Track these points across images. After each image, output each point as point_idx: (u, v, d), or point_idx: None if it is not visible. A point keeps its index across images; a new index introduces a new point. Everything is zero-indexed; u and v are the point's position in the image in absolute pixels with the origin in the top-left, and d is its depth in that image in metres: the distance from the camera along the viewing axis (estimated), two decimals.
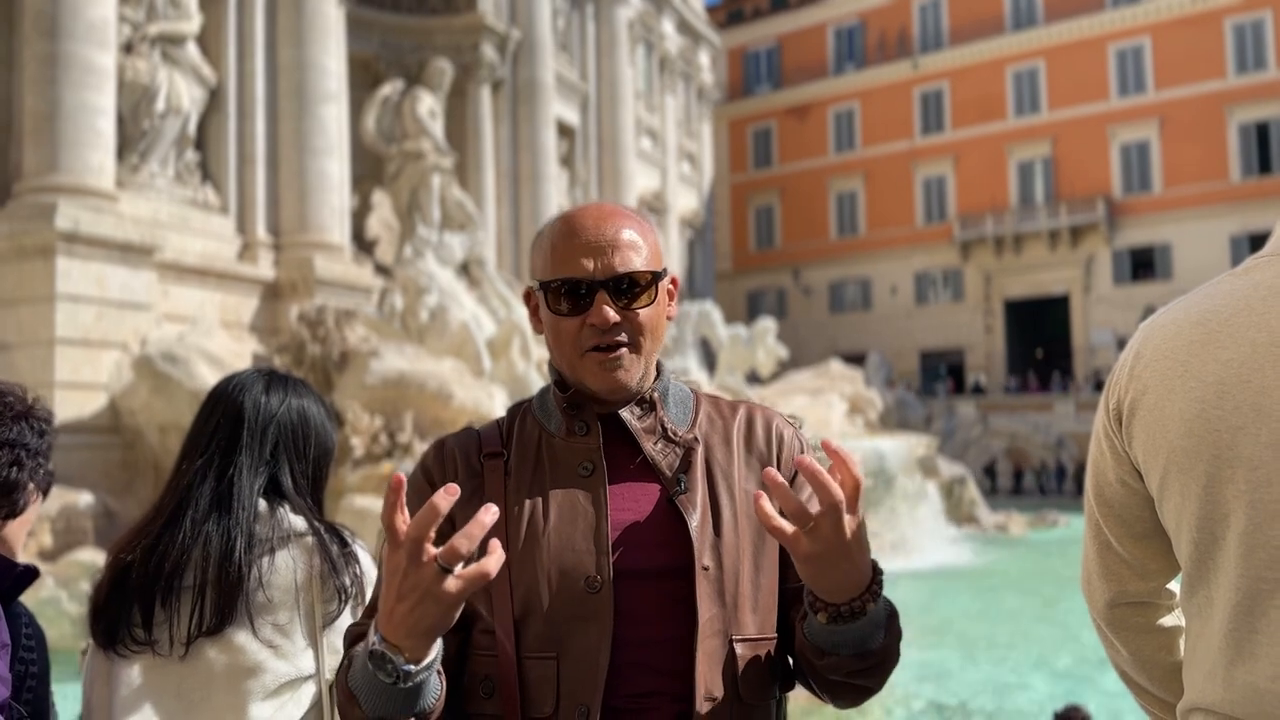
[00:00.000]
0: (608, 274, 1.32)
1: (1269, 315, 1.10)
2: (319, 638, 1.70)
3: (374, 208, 19.84)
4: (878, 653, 1.25)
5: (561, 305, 1.34)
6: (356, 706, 1.17)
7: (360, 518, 10.03)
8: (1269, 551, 1.07)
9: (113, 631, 1.66)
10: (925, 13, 39.90)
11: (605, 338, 1.33)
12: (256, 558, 1.67)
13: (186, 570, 1.66)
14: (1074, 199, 36.01)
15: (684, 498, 1.33)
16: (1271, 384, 1.07)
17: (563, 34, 25.06)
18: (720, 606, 1.30)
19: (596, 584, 1.28)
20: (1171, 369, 1.17)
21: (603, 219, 1.36)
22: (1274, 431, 1.06)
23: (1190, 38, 34.21)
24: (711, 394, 1.51)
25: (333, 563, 1.71)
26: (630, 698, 1.26)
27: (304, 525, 1.73)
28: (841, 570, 1.17)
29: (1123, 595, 1.34)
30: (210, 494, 1.71)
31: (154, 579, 1.65)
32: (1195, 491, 1.13)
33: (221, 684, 1.64)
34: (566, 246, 1.34)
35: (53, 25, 12.43)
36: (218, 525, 1.68)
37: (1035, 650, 10.39)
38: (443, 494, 1.08)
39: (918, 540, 16.92)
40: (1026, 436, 31.46)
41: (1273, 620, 1.06)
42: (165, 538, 1.68)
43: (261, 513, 1.72)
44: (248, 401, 1.78)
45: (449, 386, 11.53)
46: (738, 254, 43.02)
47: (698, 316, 20.36)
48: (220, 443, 1.75)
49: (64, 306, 11.96)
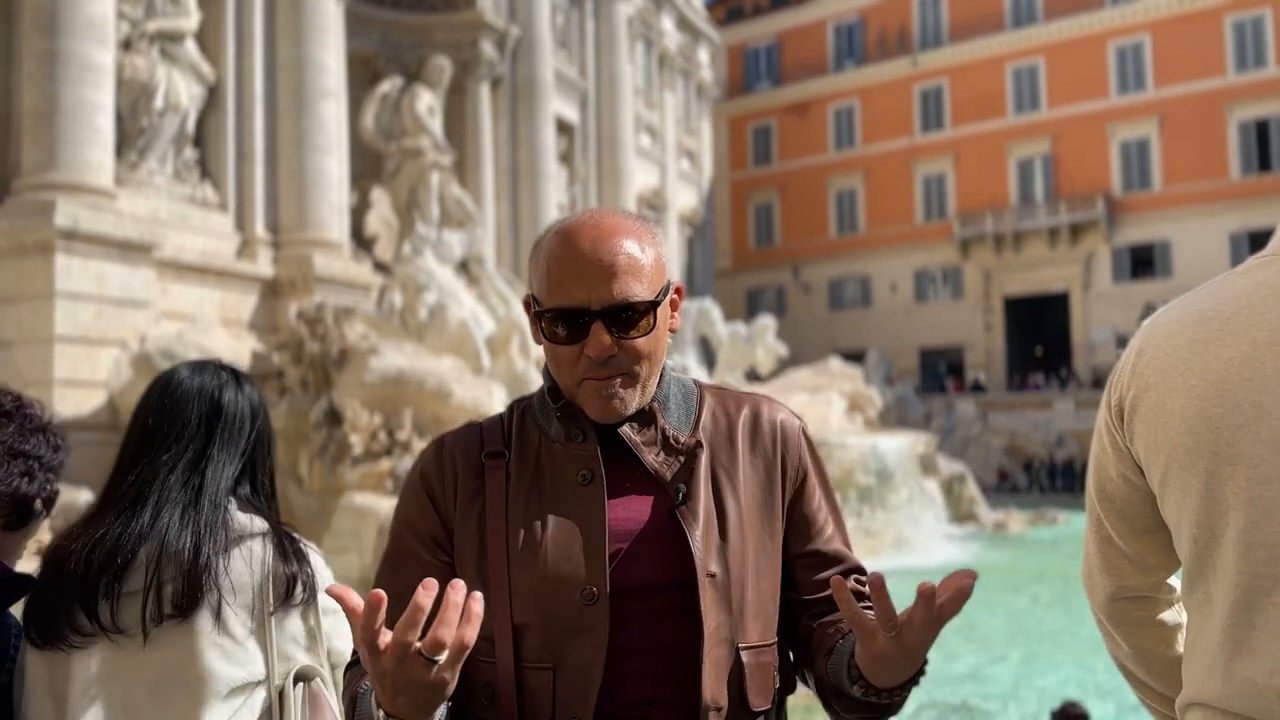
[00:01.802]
0: (603, 304, 1.27)
1: (1270, 314, 1.11)
2: (270, 641, 1.66)
3: (373, 205, 19.81)
4: (893, 706, 1.27)
5: (557, 333, 1.31)
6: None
7: (360, 516, 10.03)
8: (1268, 549, 1.08)
9: (53, 625, 1.59)
10: (925, 9, 39.87)
11: (601, 369, 1.30)
12: (220, 553, 1.63)
13: (136, 562, 1.60)
14: (1074, 196, 36.00)
15: (685, 509, 1.32)
16: (1273, 382, 1.08)
17: (562, 31, 25.03)
18: (727, 614, 1.30)
19: (593, 596, 1.26)
20: (1173, 366, 1.18)
21: (600, 239, 1.29)
22: (1274, 429, 1.07)
23: (1190, 35, 34.19)
24: (716, 387, 1.48)
25: (286, 563, 1.68)
26: (630, 706, 1.26)
27: (264, 525, 1.71)
28: (902, 667, 1.19)
29: (1123, 590, 1.36)
30: (180, 487, 1.67)
31: (103, 568, 1.59)
32: (1196, 488, 1.14)
33: (175, 685, 1.59)
34: (561, 271, 1.29)
35: (51, 22, 12.40)
36: (184, 519, 1.64)
37: (1035, 648, 10.39)
38: (422, 591, 1.04)
39: (917, 538, 16.93)
40: (1026, 434, 31.47)
41: (1271, 617, 1.08)
42: (119, 527, 1.63)
43: (231, 510, 1.70)
44: (225, 397, 1.75)
45: (448, 384, 11.53)
46: (737, 251, 43.00)
47: (697, 314, 20.36)
48: (195, 436, 1.71)
49: (63, 304, 11.95)
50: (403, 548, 1.37)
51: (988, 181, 37.83)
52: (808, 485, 1.42)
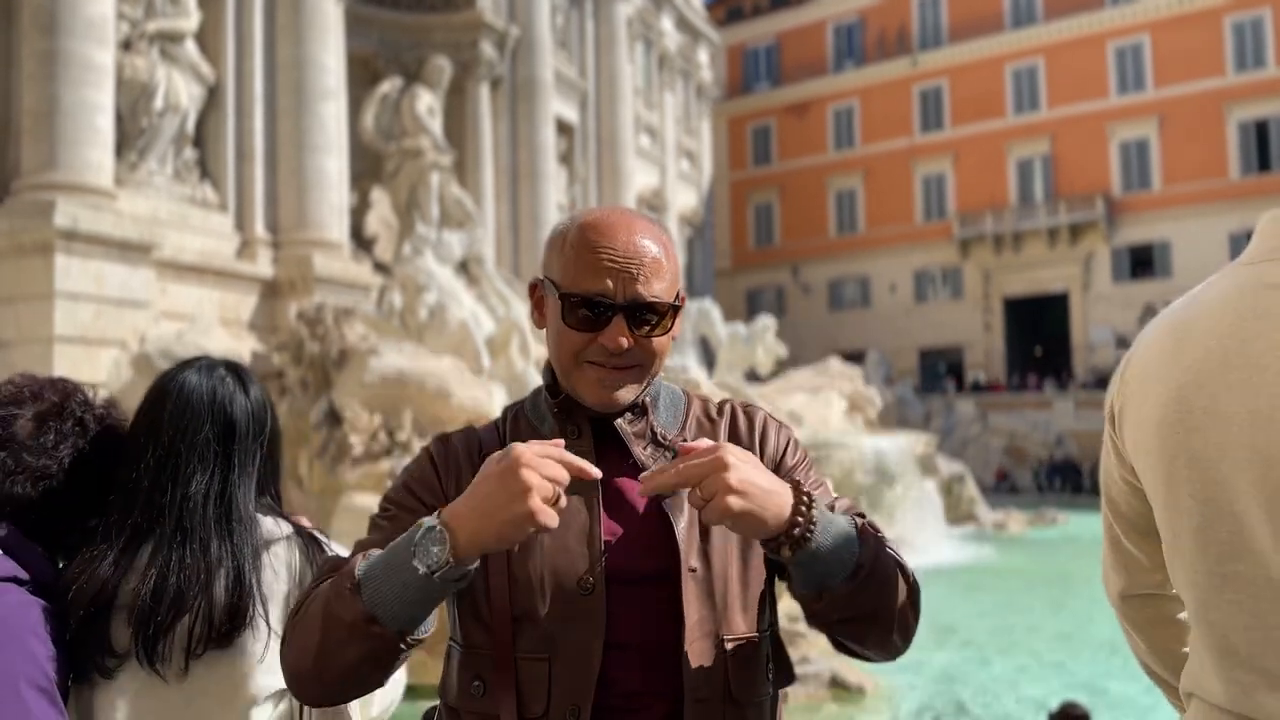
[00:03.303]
0: (630, 299, 1.30)
1: (1222, 322, 1.16)
2: None
3: (373, 205, 19.81)
4: (866, 565, 1.24)
5: (576, 319, 1.32)
6: (357, 599, 1.16)
7: (360, 517, 10.02)
8: (1218, 547, 1.13)
9: (83, 660, 1.53)
10: (924, 10, 39.88)
11: (612, 360, 1.32)
12: (255, 569, 1.61)
13: (190, 594, 1.56)
14: (1073, 197, 36.00)
15: (671, 502, 1.34)
16: (1219, 389, 1.13)
17: (561, 31, 25.03)
18: (710, 608, 1.31)
19: (589, 586, 1.29)
20: (1147, 373, 1.25)
21: (632, 235, 1.32)
22: (1223, 433, 1.12)
23: (1189, 35, 34.20)
24: (702, 396, 1.52)
25: (312, 566, 1.66)
26: (622, 697, 1.28)
27: (289, 528, 1.69)
28: (759, 512, 1.18)
29: (1132, 587, 1.42)
30: (213, 510, 1.62)
31: (163, 602, 1.53)
32: (1161, 491, 1.21)
33: (221, 700, 1.58)
34: (592, 259, 1.31)
35: (51, 22, 12.40)
36: (222, 545, 1.60)
37: (1036, 649, 10.39)
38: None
39: (917, 539, 16.91)
40: (1025, 435, 31.49)
41: (1224, 613, 1.14)
42: (173, 558, 1.57)
43: (257, 518, 1.67)
44: (236, 408, 1.68)
45: (448, 385, 11.53)
46: (737, 252, 43.00)
47: (697, 314, 20.35)
48: (217, 456, 1.65)
49: (62, 304, 11.95)
50: (402, 499, 1.37)
51: (987, 182, 37.83)
52: (782, 466, 1.43)
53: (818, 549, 1.21)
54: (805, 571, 1.23)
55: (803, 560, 1.22)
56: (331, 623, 1.18)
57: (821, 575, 1.23)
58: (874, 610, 1.28)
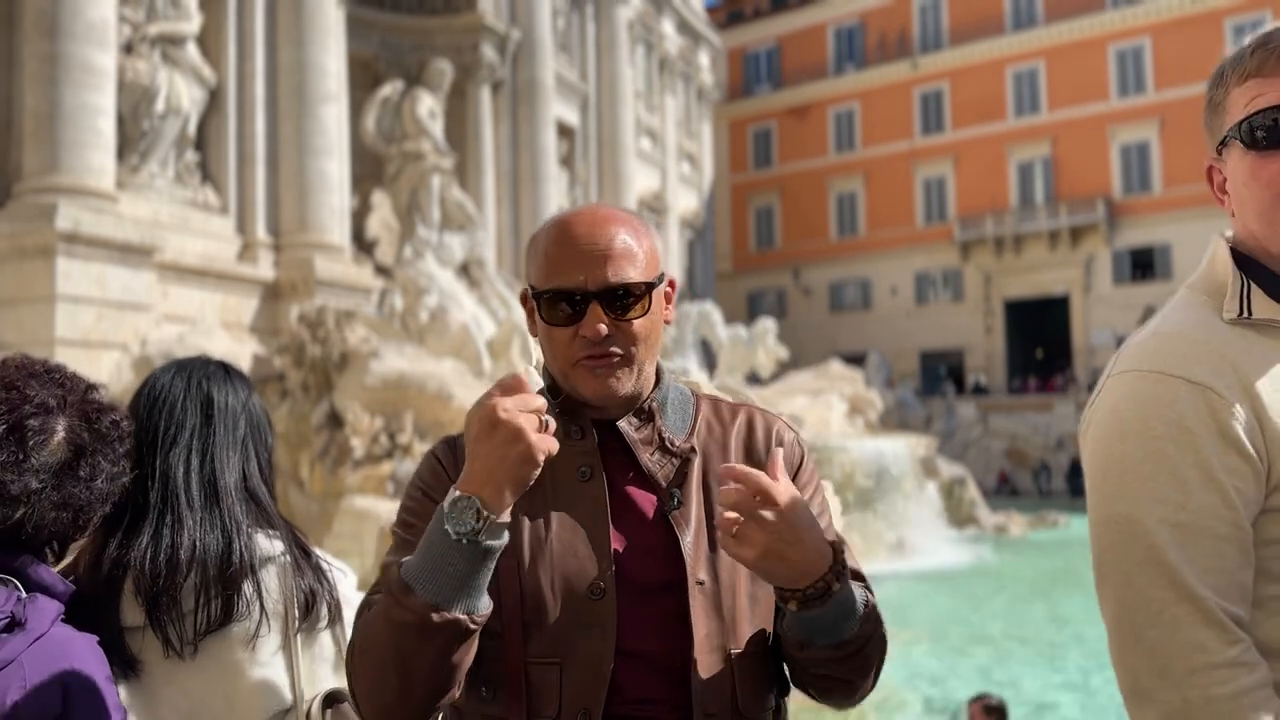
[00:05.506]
0: (600, 285, 1.30)
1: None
2: (295, 662, 1.62)
3: (374, 208, 19.83)
4: (854, 641, 1.26)
5: (554, 315, 1.32)
6: (413, 597, 1.16)
7: (360, 518, 10.03)
8: None
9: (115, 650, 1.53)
10: (925, 13, 39.90)
11: (597, 349, 1.31)
12: (250, 566, 1.61)
13: (189, 572, 1.57)
14: (1074, 199, 36.01)
15: (678, 514, 1.33)
16: None
17: (562, 34, 25.05)
18: (718, 621, 1.31)
19: (600, 590, 1.28)
20: None
21: (596, 225, 1.33)
22: None
23: (1190, 38, 34.19)
24: (713, 396, 1.50)
25: (302, 579, 1.66)
26: (631, 704, 1.27)
27: (280, 545, 1.68)
28: (793, 558, 1.19)
29: None
30: (198, 487, 1.65)
31: (155, 578, 1.55)
32: None
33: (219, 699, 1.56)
34: (559, 254, 1.32)
35: (53, 25, 12.42)
36: (211, 520, 1.62)
37: (1035, 651, 10.39)
38: None
39: (918, 541, 16.92)
40: (1026, 437, 31.47)
41: None
42: (165, 537, 1.59)
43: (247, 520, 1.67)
44: (214, 387, 1.73)
45: (449, 387, 11.53)
46: (738, 254, 43.02)
47: (698, 317, 20.35)
48: (199, 433, 1.68)
49: (64, 307, 11.96)
50: (421, 507, 1.35)
51: (988, 184, 37.84)
52: (797, 484, 1.41)
53: (823, 612, 1.24)
54: (800, 621, 1.25)
55: (803, 615, 1.24)
56: (398, 632, 1.17)
57: (812, 632, 1.25)
58: (848, 678, 1.31)
